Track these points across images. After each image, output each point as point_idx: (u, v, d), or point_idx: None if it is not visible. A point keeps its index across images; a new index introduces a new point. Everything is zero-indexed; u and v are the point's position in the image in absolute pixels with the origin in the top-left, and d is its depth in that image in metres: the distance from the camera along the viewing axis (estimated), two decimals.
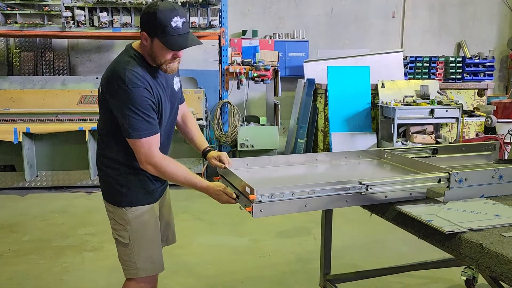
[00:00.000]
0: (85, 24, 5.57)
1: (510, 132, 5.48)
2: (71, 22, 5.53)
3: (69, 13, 5.52)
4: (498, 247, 1.40)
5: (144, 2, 5.60)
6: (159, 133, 1.89)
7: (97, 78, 6.10)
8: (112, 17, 5.63)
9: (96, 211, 4.74)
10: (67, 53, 7.55)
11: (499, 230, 1.55)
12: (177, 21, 1.77)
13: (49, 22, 5.70)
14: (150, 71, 1.89)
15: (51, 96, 5.64)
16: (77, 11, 5.53)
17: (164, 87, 1.97)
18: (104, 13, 5.57)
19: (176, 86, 2.09)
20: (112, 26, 5.62)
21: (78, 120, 5.54)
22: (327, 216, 2.58)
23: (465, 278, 2.95)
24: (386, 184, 1.84)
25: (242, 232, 4.18)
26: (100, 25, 5.57)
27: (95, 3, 5.53)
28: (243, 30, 7.69)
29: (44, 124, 5.43)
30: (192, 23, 5.64)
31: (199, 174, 5.51)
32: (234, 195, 1.88)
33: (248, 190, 1.71)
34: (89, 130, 5.24)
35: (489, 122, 5.01)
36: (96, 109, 6.27)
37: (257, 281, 3.27)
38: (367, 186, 1.78)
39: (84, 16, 5.55)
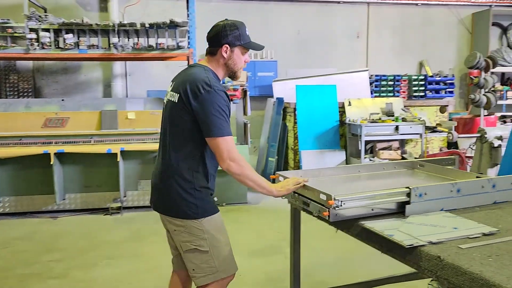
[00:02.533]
0: (50, 46, 5.51)
1: (471, 147, 5.70)
2: (36, 44, 5.46)
3: (33, 35, 5.45)
4: (455, 259, 1.45)
5: (111, 24, 5.59)
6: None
7: (62, 100, 5.98)
8: (78, 39, 5.59)
9: (62, 236, 4.59)
10: (32, 75, 7.40)
11: (457, 242, 1.59)
12: (247, 31, 2.21)
13: (12, 44, 5.60)
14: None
15: (14, 119, 5.49)
16: (42, 33, 5.46)
17: None
18: (70, 35, 5.53)
19: None
20: (78, 48, 5.58)
21: (43, 143, 5.40)
22: (295, 234, 2.59)
23: None
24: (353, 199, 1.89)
25: None
26: (66, 47, 5.52)
27: (60, 25, 5.48)
28: None
29: (6, 148, 5.27)
30: (160, 44, 5.66)
31: None
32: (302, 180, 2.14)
33: (323, 196, 1.91)
34: (55, 153, 5.12)
35: (451, 138, 5.19)
36: (62, 131, 6.07)
37: None
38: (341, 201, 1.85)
39: (49, 38, 5.49)
